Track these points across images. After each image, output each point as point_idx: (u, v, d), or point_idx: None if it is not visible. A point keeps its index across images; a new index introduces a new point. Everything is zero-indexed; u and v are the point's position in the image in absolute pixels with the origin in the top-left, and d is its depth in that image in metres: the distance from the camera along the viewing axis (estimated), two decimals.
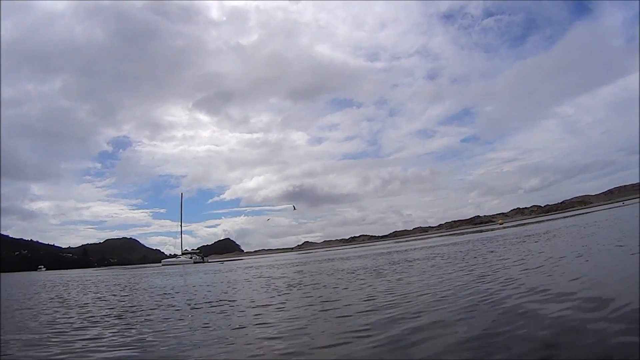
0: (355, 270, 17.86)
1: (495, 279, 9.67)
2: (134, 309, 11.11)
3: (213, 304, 11.03)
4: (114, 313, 10.43)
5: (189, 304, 11.33)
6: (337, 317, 7.38)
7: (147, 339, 6.87)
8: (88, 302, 14.01)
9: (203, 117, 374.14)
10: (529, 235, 27.04)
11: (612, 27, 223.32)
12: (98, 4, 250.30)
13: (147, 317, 9.34)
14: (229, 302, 11.06)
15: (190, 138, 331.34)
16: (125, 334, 7.43)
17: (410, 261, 19.63)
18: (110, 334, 7.45)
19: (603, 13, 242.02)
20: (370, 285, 11.53)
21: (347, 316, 7.30)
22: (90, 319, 9.66)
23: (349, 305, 8.51)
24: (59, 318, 10.14)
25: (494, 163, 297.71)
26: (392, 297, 8.93)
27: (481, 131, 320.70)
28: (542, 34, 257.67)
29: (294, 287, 13.73)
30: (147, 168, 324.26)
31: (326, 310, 8.26)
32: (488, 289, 8.39)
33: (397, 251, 34.33)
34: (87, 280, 34.08)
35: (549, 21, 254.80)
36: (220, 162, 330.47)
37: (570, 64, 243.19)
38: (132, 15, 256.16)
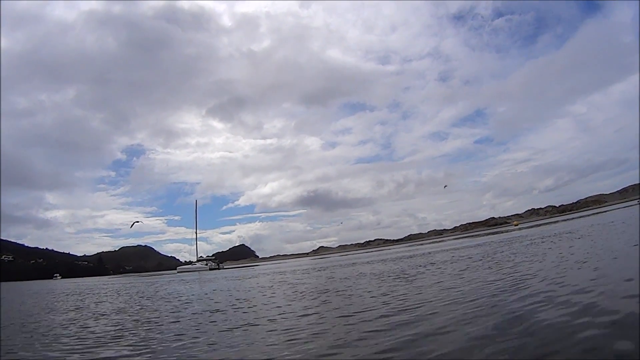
0: (380, 275, 17.08)
1: (541, 281, 8.78)
2: (156, 321, 10.47)
3: (239, 319, 10.32)
4: (135, 327, 9.79)
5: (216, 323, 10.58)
6: (370, 330, 6.59)
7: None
8: (107, 312, 13.43)
9: (216, 124, 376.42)
10: (554, 235, 26.02)
11: (622, 24, 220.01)
12: (109, 13, 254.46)
13: (170, 332, 8.66)
14: (254, 313, 10.37)
15: (204, 145, 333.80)
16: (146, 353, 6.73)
17: (438, 264, 18.73)
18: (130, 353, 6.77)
19: (613, 10, 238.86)
20: (407, 291, 10.73)
21: (382, 330, 6.51)
22: (110, 333, 9.03)
23: (385, 316, 7.71)
24: (75, 332, 9.53)
25: (508, 164, 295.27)
26: (434, 305, 8.12)
27: (494, 132, 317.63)
28: (553, 32, 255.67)
29: (323, 294, 12.93)
30: (161, 175, 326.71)
31: (363, 321, 7.47)
32: (538, 291, 7.51)
33: (421, 254, 33.30)
34: (103, 288, 33.70)
35: (559, 20, 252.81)
36: (234, 169, 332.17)
37: (581, 62, 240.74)
38: (144, 24, 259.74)
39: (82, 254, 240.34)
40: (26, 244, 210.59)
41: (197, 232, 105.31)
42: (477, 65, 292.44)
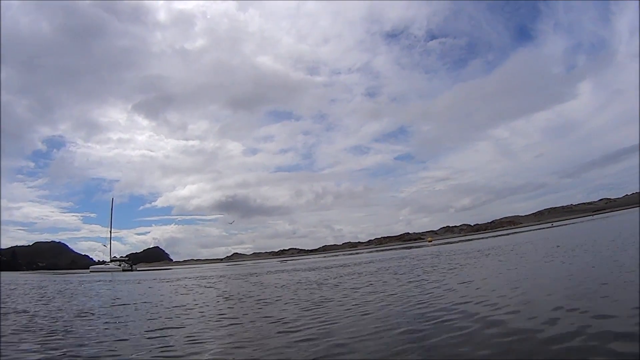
0: (319, 281, 17.26)
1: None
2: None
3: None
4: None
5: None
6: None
7: None
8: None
9: (141, 121, 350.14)
10: (481, 250, 28.02)
11: (552, 56, 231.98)
12: None
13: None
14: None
15: (125, 141, 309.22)
16: None
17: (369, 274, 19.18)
18: None
19: (545, 41, 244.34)
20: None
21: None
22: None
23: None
24: None
25: (426, 181, 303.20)
26: None
27: (416, 150, 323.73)
28: (484, 58, 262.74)
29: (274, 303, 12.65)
30: (80, 170, 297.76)
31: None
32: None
33: (344, 265, 33.36)
34: (19, 284, 30.58)
35: (491, 47, 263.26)
36: (154, 168, 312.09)
37: (508, 88, 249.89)
38: (80, 10, 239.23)
39: None
40: None
41: (113, 231, 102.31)
42: (405, 84, 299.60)
